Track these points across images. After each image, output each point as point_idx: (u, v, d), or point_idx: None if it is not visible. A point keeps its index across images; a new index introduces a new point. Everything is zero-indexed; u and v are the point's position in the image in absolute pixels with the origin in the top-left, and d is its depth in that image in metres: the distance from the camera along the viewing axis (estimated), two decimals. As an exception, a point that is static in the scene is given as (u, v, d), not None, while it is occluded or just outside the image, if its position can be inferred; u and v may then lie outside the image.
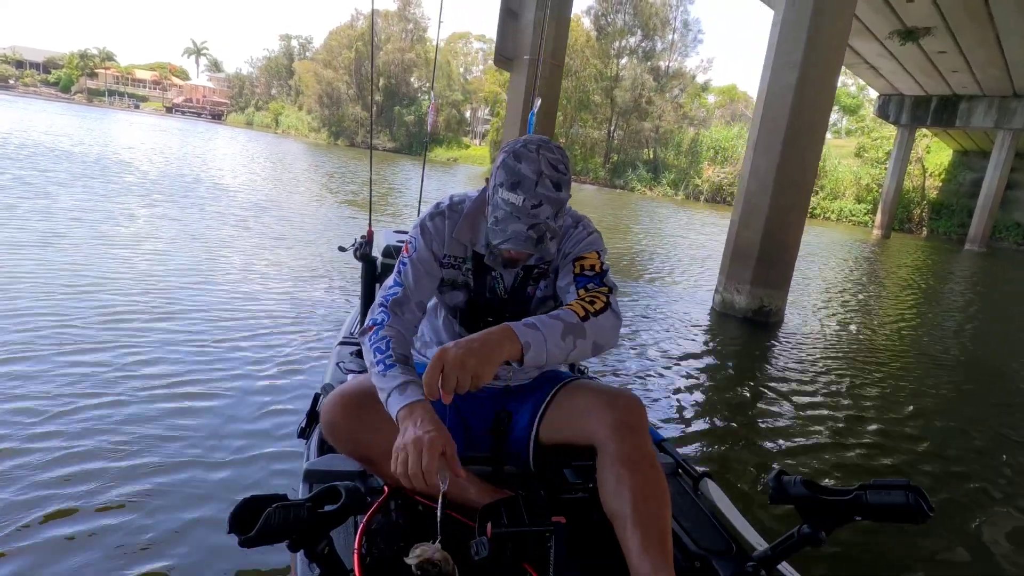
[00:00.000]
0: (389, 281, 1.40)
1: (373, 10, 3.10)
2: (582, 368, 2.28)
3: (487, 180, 1.35)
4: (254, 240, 7.07)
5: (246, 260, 6.04)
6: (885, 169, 28.50)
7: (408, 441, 1.07)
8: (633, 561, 1.09)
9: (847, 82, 46.75)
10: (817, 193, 30.65)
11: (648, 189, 35.00)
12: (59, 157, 12.58)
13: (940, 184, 28.97)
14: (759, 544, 1.27)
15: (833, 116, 47.09)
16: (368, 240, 2.38)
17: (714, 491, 1.45)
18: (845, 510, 1.09)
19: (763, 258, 6.19)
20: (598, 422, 1.23)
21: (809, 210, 29.77)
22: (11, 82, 68.83)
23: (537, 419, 1.37)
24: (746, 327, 6.01)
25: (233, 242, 6.78)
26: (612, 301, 1.29)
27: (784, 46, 5.93)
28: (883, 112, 23.63)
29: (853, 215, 29.74)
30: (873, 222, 27.38)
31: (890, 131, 29.81)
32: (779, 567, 1.19)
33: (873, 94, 46.67)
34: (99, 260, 5.14)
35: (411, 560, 1.03)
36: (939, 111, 21.59)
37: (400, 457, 1.08)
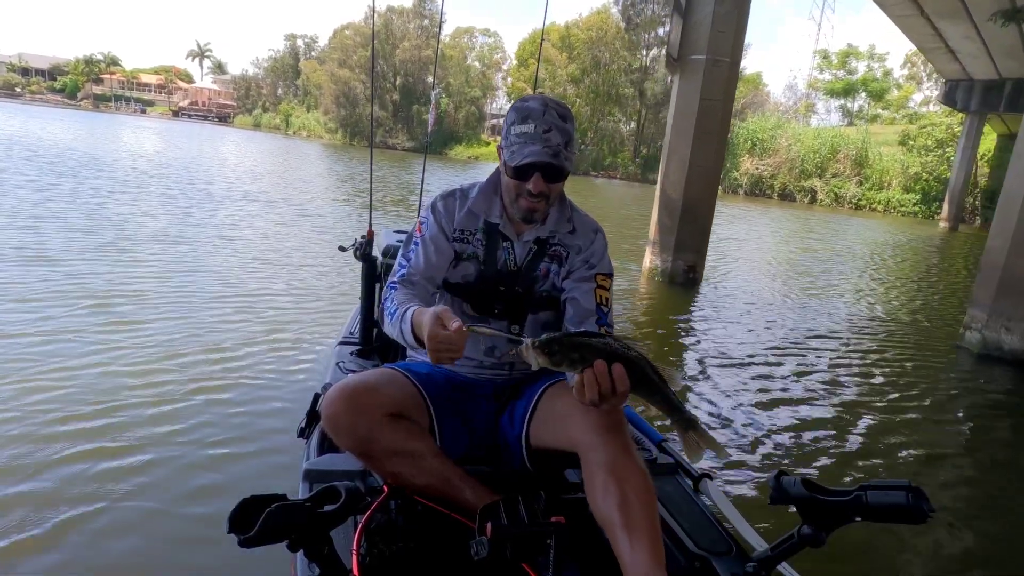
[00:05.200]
0: (395, 266, 1.54)
1: (373, 12, 3.22)
2: None
3: (499, 151, 1.50)
4: (259, 239, 7.27)
5: (248, 260, 6.24)
6: (936, 157, 28.06)
7: (431, 329, 1.21)
8: (625, 562, 1.15)
9: (873, 66, 45.89)
10: (862, 184, 30.14)
11: (684, 184, 34.64)
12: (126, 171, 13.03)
13: (988, 171, 28.23)
14: (759, 544, 1.32)
15: (858, 102, 46.07)
16: (368, 240, 2.47)
17: (714, 491, 1.50)
18: (845, 510, 1.13)
19: (1045, 291, 5.48)
20: (578, 427, 1.30)
21: (855, 201, 29.43)
22: (18, 90, 70.92)
23: (525, 423, 1.45)
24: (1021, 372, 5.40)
25: (238, 242, 6.98)
26: None
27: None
28: (950, 99, 23.02)
29: (902, 205, 29.16)
30: (929, 214, 27.31)
31: (938, 118, 29.48)
32: (779, 567, 1.24)
33: (898, 78, 45.36)
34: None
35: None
36: (1014, 95, 20.44)
37: (442, 345, 1.21)
